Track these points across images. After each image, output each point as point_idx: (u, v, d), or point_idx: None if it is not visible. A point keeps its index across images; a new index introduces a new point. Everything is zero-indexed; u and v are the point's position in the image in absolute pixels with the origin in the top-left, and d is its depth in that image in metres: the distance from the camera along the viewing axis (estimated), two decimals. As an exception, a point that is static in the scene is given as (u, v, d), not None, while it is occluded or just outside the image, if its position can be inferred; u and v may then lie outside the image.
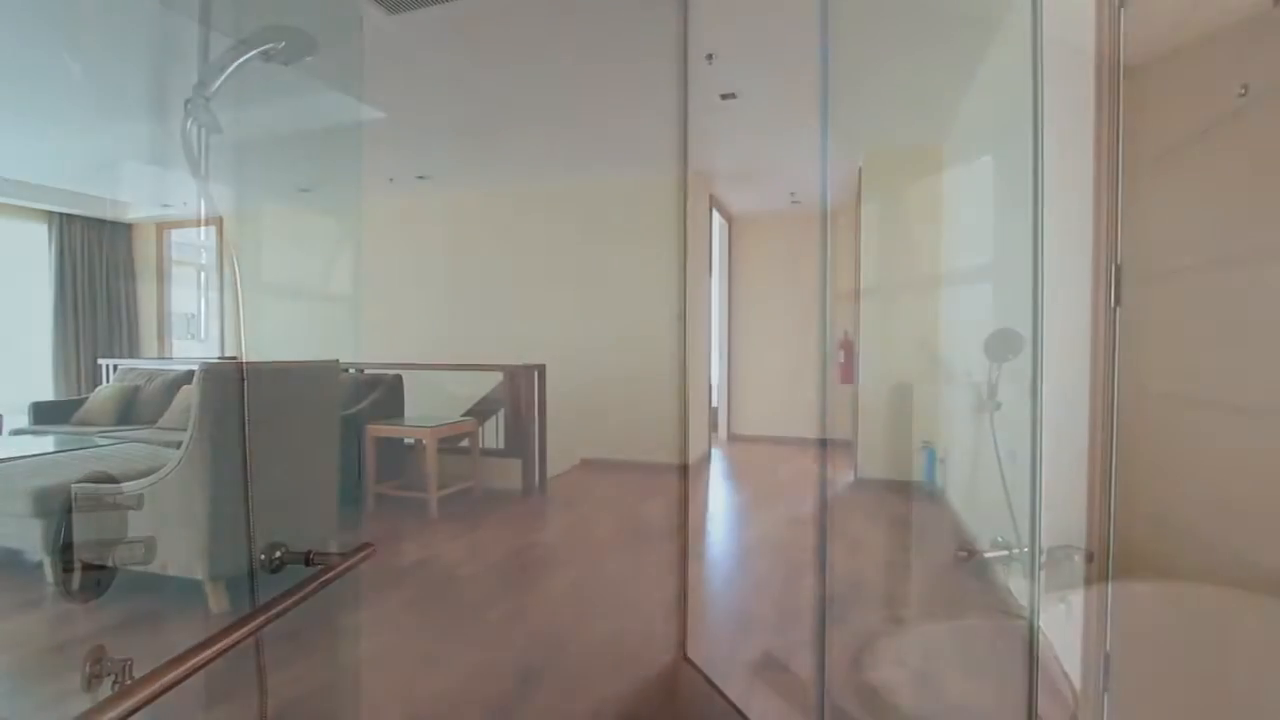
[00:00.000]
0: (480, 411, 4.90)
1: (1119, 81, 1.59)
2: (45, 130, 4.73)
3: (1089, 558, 1.66)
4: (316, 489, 2.78)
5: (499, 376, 5.30)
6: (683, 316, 5.20)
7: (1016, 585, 2.41)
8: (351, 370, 4.59)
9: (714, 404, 7.06)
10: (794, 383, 6.74)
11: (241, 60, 1.42)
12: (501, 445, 4.39)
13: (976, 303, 3.18)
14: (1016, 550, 1.46)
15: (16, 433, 4.53)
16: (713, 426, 7.07)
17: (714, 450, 6.23)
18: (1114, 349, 1.61)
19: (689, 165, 4.99)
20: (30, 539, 2.73)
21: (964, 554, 1.56)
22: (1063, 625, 1.92)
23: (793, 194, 5.81)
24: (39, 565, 2.96)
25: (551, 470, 5.11)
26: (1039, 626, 2.09)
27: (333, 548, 3.10)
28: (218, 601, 2.43)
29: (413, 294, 6.28)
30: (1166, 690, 1.46)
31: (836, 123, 3.99)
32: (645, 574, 2.88)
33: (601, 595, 2.63)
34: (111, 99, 4.06)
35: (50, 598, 2.59)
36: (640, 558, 3.10)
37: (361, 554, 1.07)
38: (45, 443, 3.67)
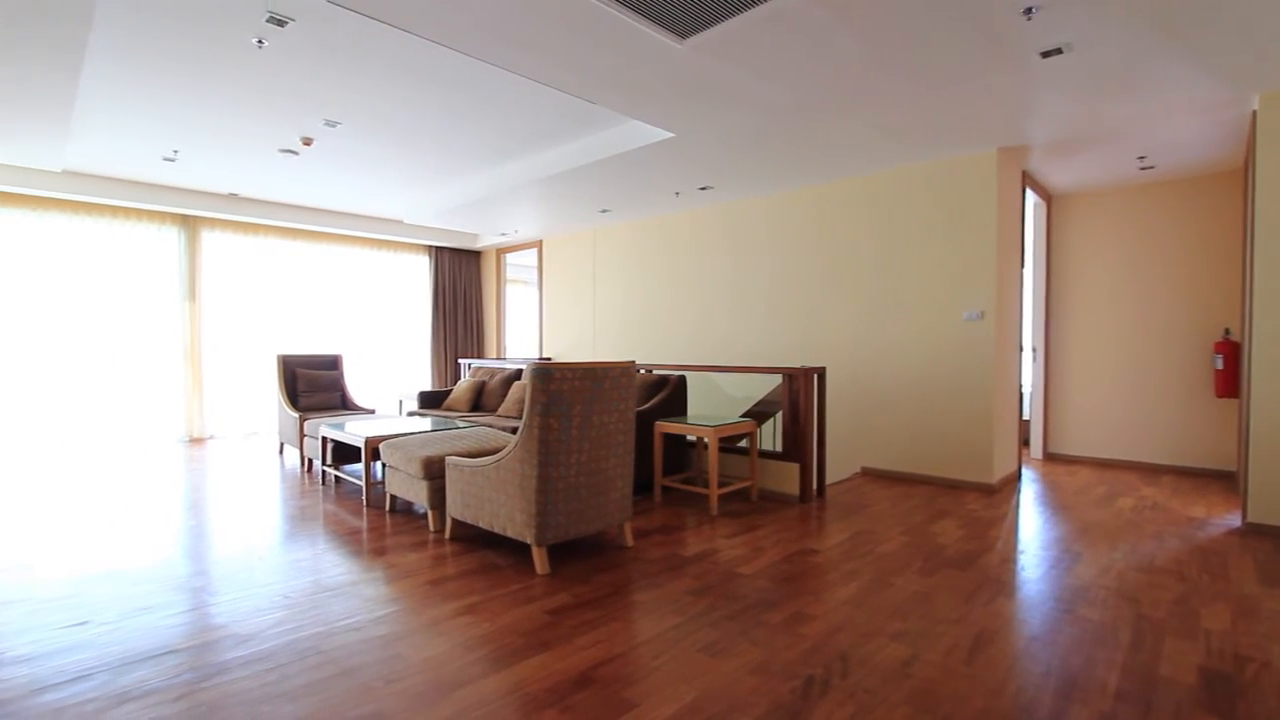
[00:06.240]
0: (758, 413, 4.96)
1: None
2: (431, 184, 6.15)
3: None
4: (617, 476, 3.11)
5: (777, 379, 5.30)
6: (988, 314, 4.56)
7: None
8: (643, 370, 5.03)
9: (1025, 416, 6.06)
10: (1138, 393, 5.42)
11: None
12: (779, 448, 4.37)
13: None
14: None
15: (411, 414, 5.98)
16: (1023, 443, 6.07)
17: (1025, 470, 5.33)
18: None
19: (997, 141, 4.36)
20: (420, 495, 3.57)
21: None
22: None
23: (1142, 158, 4.67)
24: (424, 515, 3.86)
25: (830, 477, 4.93)
26: None
27: (628, 530, 3.45)
28: (541, 564, 2.88)
29: (696, 298, 6.65)
30: None
31: (1215, 58, 3.10)
32: (940, 601, 2.59)
33: (890, 616, 2.44)
34: (476, 155, 5.12)
35: (431, 542, 3.35)
36: (933, 582, 2.79)
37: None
38: (426, 423, 4.74)
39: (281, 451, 6.04)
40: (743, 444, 4.59)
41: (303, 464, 5.32)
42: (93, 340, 6.31)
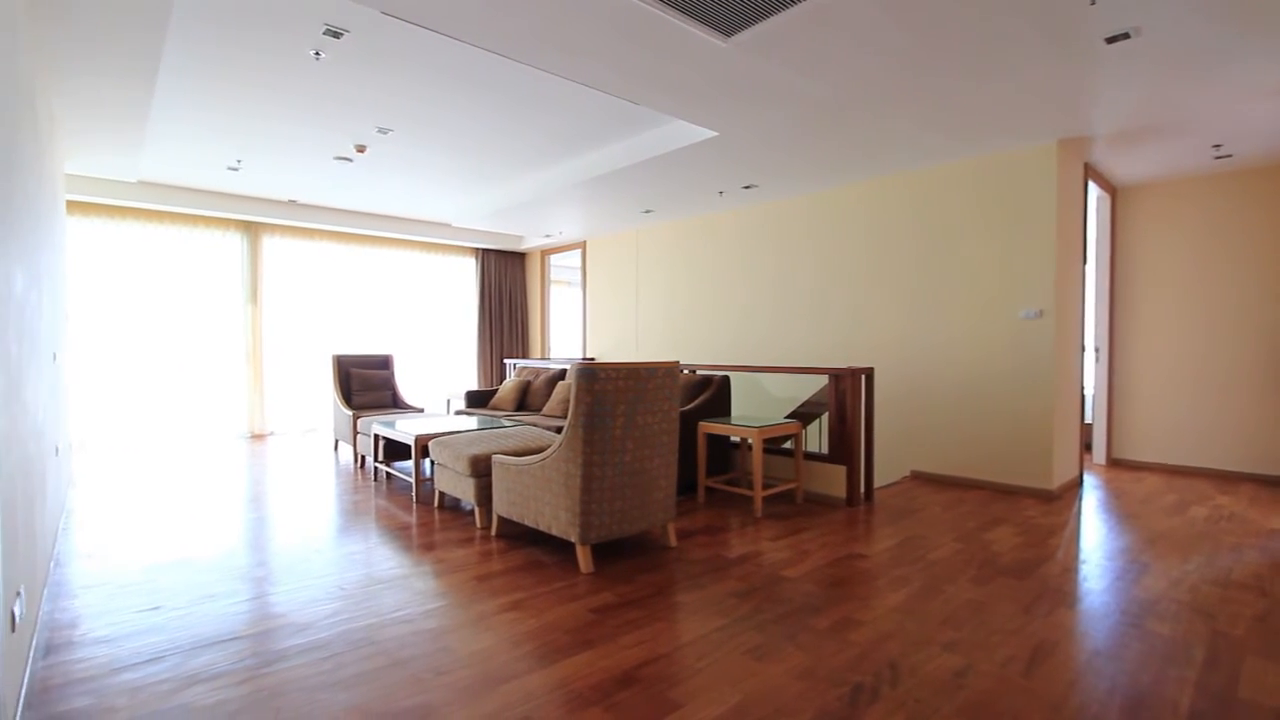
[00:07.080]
0: (803, 414, 4.88)
1: None
2: (478, 187, 6.27)
3: None
4: (661, 476, 3.11)
5: (823, 379, 5.20)
6: (1047, 313, 4.38)
7: None
8: (686, 370, 5.02)
9: (1087, 419, 5.80)
10: (1211, 395, 5.12)
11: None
12: (825, 450, 4.29)
13: None
14: None
15: (459, 413, 6.11)
16: (1085, 447, 5.81)
17: (1087, 476, 5.09)
18: None
19: (1057, 132, 4.18)
20: (467, 492, 3.64)
21: None
22: None
23: (1218, 146, 4.40)
24: (471, 512, 3.94)
25: (878, 480, 4.81)
26: None
27: (671, 530, 3.44)
28: (585, 563, 2.90)
29: (740, 298, 6.59)
30: None
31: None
32: (995, 610, 2.49)
33: (942, 624, 2.37)
34: (522, 158, 5.19)
35: (478, 538, 3.42)
36: (988, 590, 2.70)
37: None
38: (473, 422, 4.83)
39: (336, 448, 6.26)
40: (787, 445, 4.53)
41: (356, 460, 5.50)
42: (163, 340, 6.67)
